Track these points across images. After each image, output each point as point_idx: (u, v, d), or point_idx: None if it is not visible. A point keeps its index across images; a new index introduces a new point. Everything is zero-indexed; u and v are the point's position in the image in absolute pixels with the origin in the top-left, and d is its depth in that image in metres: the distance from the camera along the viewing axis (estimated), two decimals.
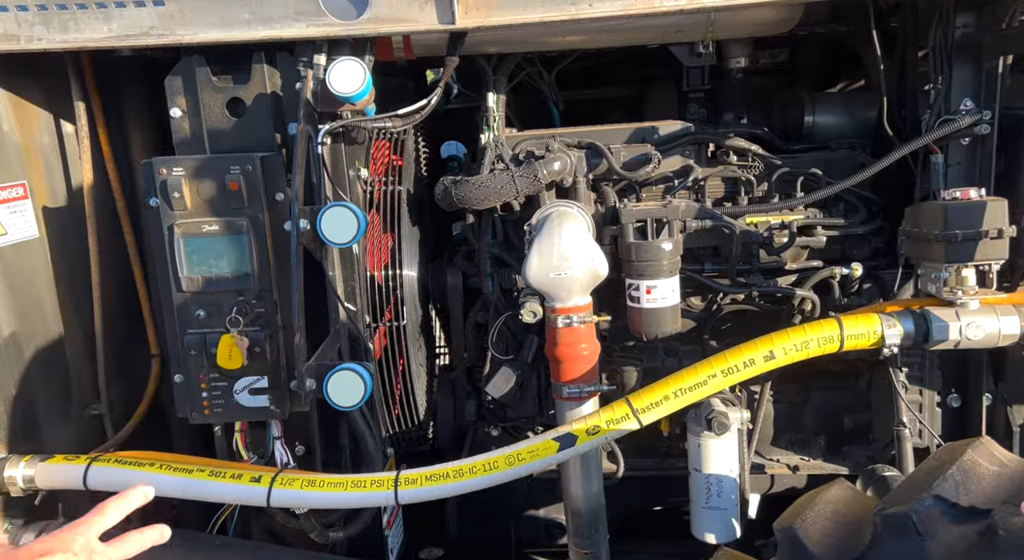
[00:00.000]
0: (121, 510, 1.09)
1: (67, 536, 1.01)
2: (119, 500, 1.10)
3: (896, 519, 1.09)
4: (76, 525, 1.04)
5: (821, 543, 1.13)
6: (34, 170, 1.81)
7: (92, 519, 1.05)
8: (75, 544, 1.00)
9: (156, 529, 1.12)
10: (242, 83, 1.68)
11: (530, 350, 1.91)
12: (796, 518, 1.22)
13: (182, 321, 1.62)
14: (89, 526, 1.04)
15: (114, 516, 1.08)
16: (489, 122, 1.90)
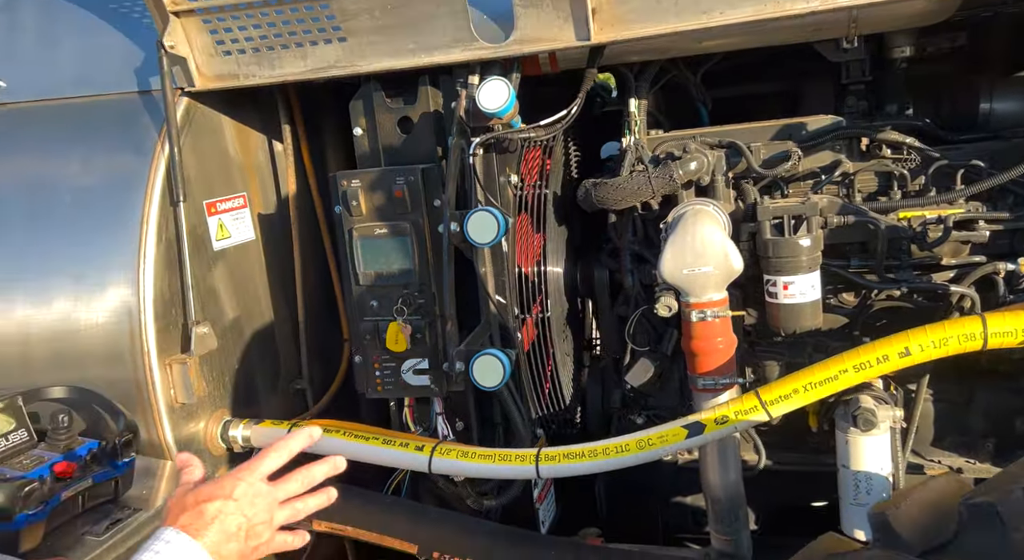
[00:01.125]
0: (284, 452, 1.06)
1: (228, 482, 1.00)
2: (282, 442, 1.08)
3: (981, 508, 1.07)
4: (239, 470, 1.02)
5: (911, 528, 1.13)
6: (252, 183, 2.20)
7: (253, 463, 1.04)
8: (236, 489, 0.98)
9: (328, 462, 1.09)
10: (411, 104, 1.94)
11: (669, 342, 1.99)
12: (891, 505, 1.22)
13: (359, 310, 1.90)
14: (251, 471, 1.02)
15: (276, 459, 1.05)
16: (631, 126, 2.00)
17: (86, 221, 1.83)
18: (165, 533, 0.94)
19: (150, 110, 1.93)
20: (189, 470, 1.02)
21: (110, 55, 1.98)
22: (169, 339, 1.82)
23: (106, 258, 1.80)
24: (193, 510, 0.95)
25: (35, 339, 1.80)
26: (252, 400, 2.12)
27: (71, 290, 1.80)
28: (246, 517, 0.97)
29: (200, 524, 0.94)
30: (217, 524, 0.95)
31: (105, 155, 1.90)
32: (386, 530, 1.87)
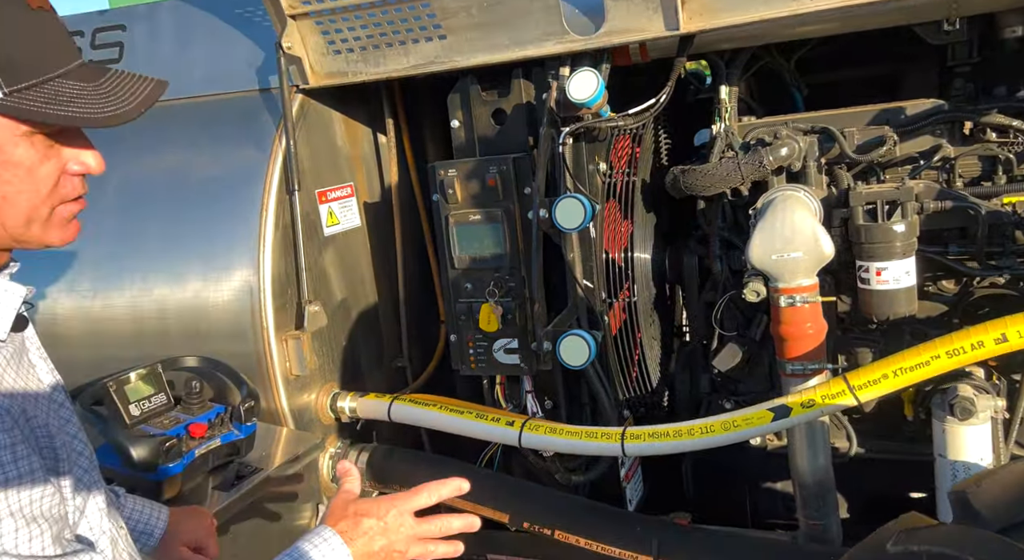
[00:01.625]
0: (434, 494, 1.15)
1: (384, 505, 1.09)
2: (436, 486, 1.17)
3: None
4: (394, 498, 1.11)
5: (991, 506, 1.12)
6: (358, 173, 2.36)
7: (408, 497, 1.13)
8: (388, 514, 1.07)
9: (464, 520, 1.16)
10: (504, 96, 2.03)
11: (758, 328, 2.00)
12: (972, 483, 1.21)
13: (454, 292, 2.02)
14: (405, 502, 1.11)
15: (427, 498, 1.14)
16: (721, 113, 2.01)
17: (214, 208, 2.02)
18: (325, 531, 1.07)
19: (268, 106, 2.11)
20: (349, 479, 1.16)
21: (234, 56, 2.17)
22: (285, 316, 2.00)
23: (231, 242, 1.99)
24: (351, 520, 1.08)
25: (171, 315, 2.02)
26: (357, 375, 2.29)
27: (201, 271, 2.00)
28: (389, 541, 1.08)
29: (354, 533, 1.07)
30: (366, 538, 1.07)
31: (230, 148, 2.09)
32: (480, 500, 1.98)
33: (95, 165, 0.96)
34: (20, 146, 0.87)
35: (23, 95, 0.85)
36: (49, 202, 0.92)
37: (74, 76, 0.89)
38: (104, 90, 0.90)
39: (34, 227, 0.92)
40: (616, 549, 1.88)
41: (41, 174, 0.90)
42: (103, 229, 2.09)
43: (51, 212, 0.93)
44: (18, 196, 0.89)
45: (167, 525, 1.36)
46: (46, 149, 0.90)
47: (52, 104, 0.85)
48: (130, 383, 1.66)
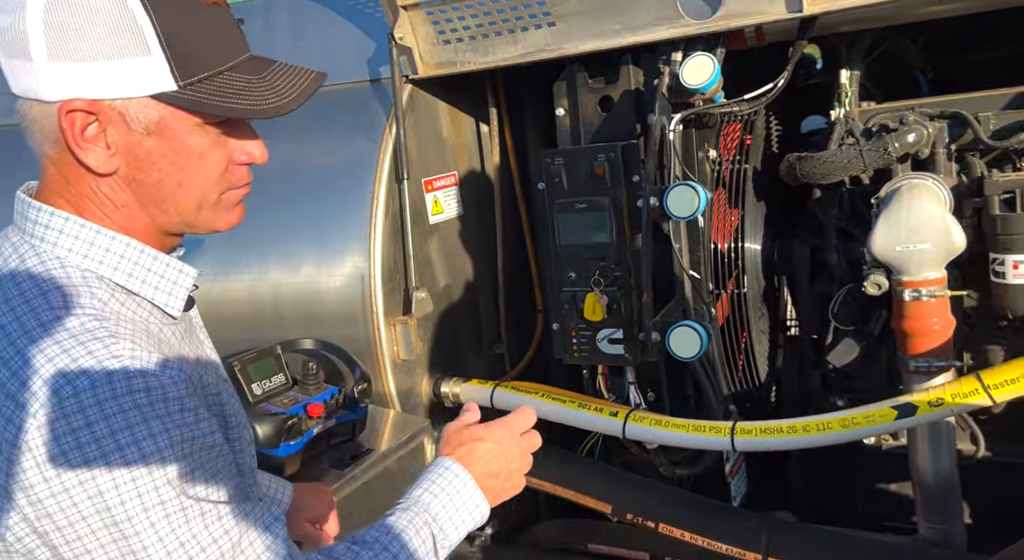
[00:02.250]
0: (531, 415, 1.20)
1: (496, 429, 1.13)
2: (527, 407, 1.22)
3: None
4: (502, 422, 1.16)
5: None
6: (461, 162, 2.38)
7: (512, 419, 1.17)
8: (503, 438, 1.12)
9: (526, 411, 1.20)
10: (612, 83, 2.00)
11: (877, 323, 1.92)
12: None
13: (558, 281, 2.02)
14: (513, 423, 1.16)
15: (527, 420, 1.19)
16: (841, 98, 1.93)
17: (327, 197, 2.09)
18: (444, 461, 1.11)
19: (378, 96, 2.15)
20: (471, 412, 1.20)
21: (345, 48, 2.23)
22: (393, 302, 2.05)
23: (343, 229, 2.04)
24: (468, 446, 1.11)
25: (285, 299, 2.09)
26: (458, 361, 2.32)
27: (314, 257, 2.07)
28: (506, 460, 1.12)
29: (472, 459, 1.10)
30: (483, 462, 1.10)
31: (341, 138, 2.15)
32: (582, 489, 1.98)
33: (260, 155, 1.00)
34: (193, 135, 0.92)
35: (196, 88, 0.89)
36: (217, 188, 0.96)
37: (242, 69, 0.93)
38: (268, 83, 0.94)
39: (204, 212, 0.97)
40: (723, 545, 1.85)
41: (211, 162, 0.94)
42: None
43: (219, 198, 0.97)
44: (191, 182, 0.94)
45: (291, 501, 1.41)
46: (216, 138, 0.94)
47: (220, 97, 0.90)
48: (252, 363, 1.73)
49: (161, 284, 0.96)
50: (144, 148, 0.91)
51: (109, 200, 0.93)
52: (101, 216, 0.93)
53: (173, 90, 0.88)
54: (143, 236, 0.95)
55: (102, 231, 0.92)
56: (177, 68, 0.88)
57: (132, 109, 0.89)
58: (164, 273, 0.96)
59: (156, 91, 0.88)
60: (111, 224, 0.93)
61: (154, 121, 0.90)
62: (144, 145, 0.91)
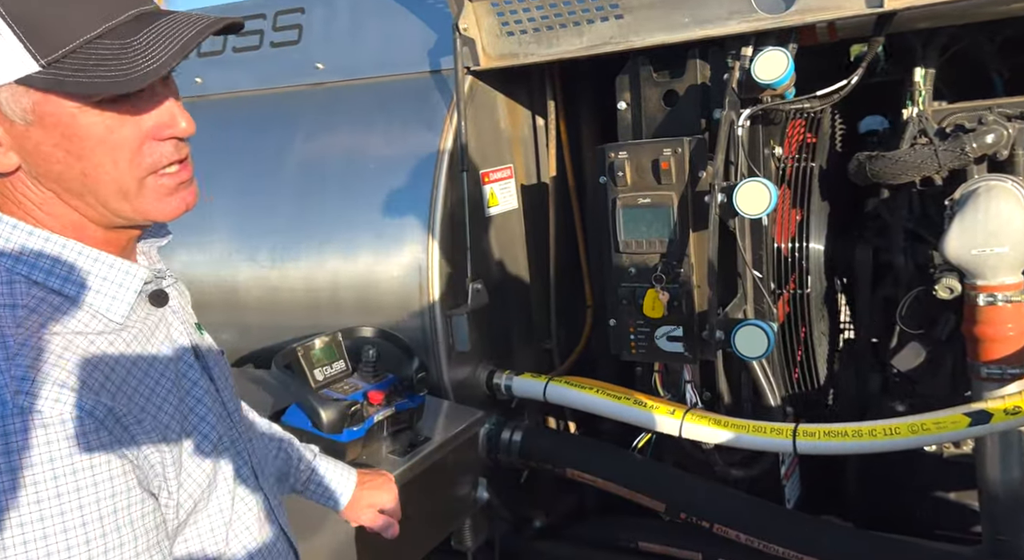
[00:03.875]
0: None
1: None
2: None
3: None
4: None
5: None
6: (517, 156, 2.37)
7: None
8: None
9: None
10: (677, 77, 1.98)
11: (945, 327, 1.87)
12: None
13: (617, 276, 2.00)
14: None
15: None
16: (914, 96, 1.89)
17: (387, 186, 2.09)
18: None
19: (439, 88, 2.15)
20: None
21: (406, 38, 2.23)
22: (449, 293, 2.05)
23: (403, 220, 2.05)
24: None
25: (343, 287, 2.11)
26: (508, 354, 2.31)
27: (373, 246, 2.08)
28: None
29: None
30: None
31: (401, 128, 2.15)
32: (635, 486, 1.96)
33: (183, 127, 0.87)
34: (79, 118, 0.80)
35: (60, 65, 0.77)
36: (133, 173, 0.84)
37: (116, 33, 0.80)
38: (140, 45, 0.80)
39: (130, 201, 0.85)
40: (780, 548, 1.82)
41: (114, 144, 0.82)
42: (281, 203, 2.21)
43: (141, 183, 0.85)
44: (97, 171, 0.83)
45: (355, 486, 1.42)
46: (114, 117, 0.81)
47: (83, 72, 0.77)
48: (315, 349, 1.74)
49: (103, 287, 0.86)
50: (32, 140, 0.81)
51: (27, 198, 0.84)
52: (24, 215, 0.85)
53: (36, 72, 0.77)
54: (78, 233, 0.86)
55: (35, 232, 0.84)
56: (34, 46, 0.77)
57: (3, 99, 0.79)
58: (107, 275, 0.86)
59: (18, 76, 0.77)
60: (39, 223, 0.85)
61: (28, 109, 0.79)
62: (31, 137, 0.81)
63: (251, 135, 2.33)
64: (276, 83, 2.39)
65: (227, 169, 2.31)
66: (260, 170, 2.27)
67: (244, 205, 2.24)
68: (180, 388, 0.93)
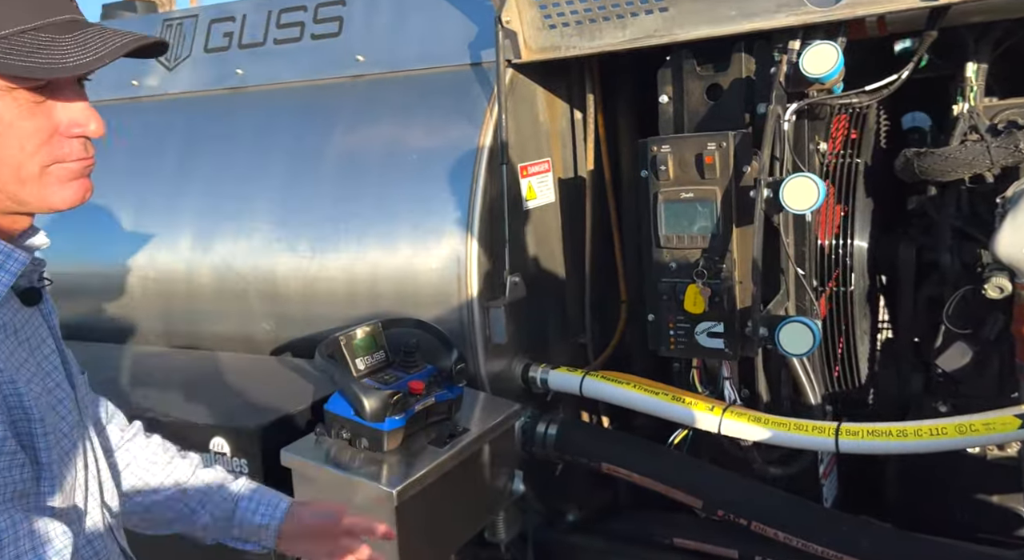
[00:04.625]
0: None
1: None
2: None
3: None
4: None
5: None
6: (555, 149, 2.37)
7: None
8: None
9: None
10: (721, 70, 1.96)
11: (993, 327, 1.84)
12: None
13: (657, 271, 1.99)
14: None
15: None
16: (965, 92, 1.85)
17: (427, 178, 2.10)
18: None
19: (480, 81, 2.15)
20: None
21: (446, 31, 2.23)
22: (487, 286, 2.05)
23: (442, 212, 2.05)
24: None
25: (382, 278, 2.12)
26: (544, 347, 2.31)
27: (412, 238, 2.09)
28: None
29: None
30: None
31: (441, 121, 2.16)
32: (672, 481, 1.96)
33: (93, 128, 0.91)
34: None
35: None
36: (37, 160, 0.88)
37: (51, 29, 0.85)
38: (77, 41, 0.85)
39: (29, 186, 0.88)
40: (819, 547, 1.81)
41: (24, 130, 0.86)
42: (322, 194, 2.22)
43: (42, 171, 0.88)
44: (1, 151, 0.86)
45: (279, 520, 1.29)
46: (31, 105, 0.86)
47: (13, 55, 0.81)
48: (356, 339, 1.76)
49: None
50: None
51: None
52: None
53: None
54: None
55: None
56: None
57: None
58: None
59: None
60: None
61: None
62: None
63: (292, 127, 2.35)
64: (317, 75, 2.40)
65: (268, 160, 2.33)
66: (301, 162, 2.29)
67: (285, 196, 2.26)
68: (44, 382, 0.95)
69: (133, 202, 2.47)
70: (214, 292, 2.33)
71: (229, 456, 1.70)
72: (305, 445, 1.68)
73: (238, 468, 1.70)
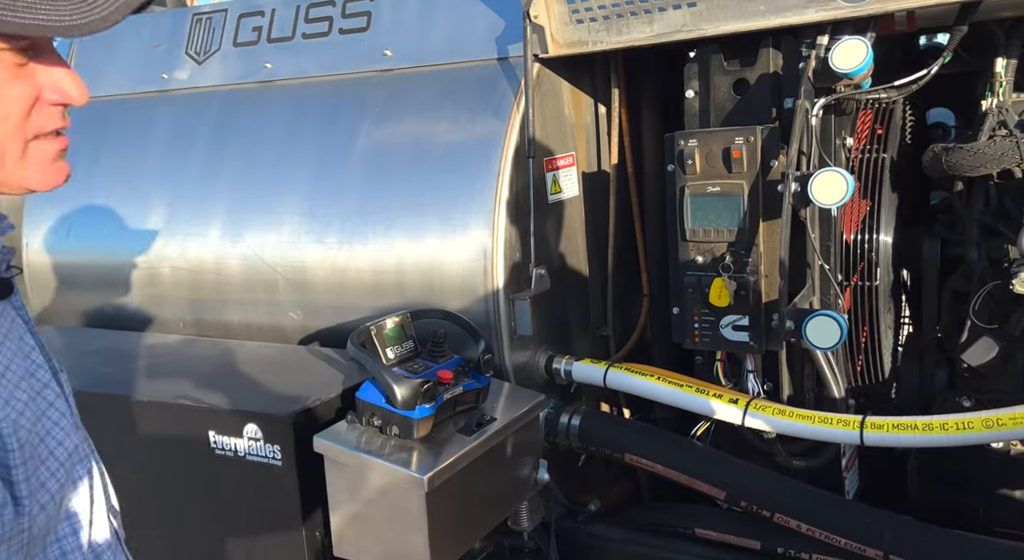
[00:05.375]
0: None
1: None
2: None
3: None
4: None
5: None
6: (580, 143, 2.39)
7: None
8: None
9: None
10: (748, 65, 1.97)
11: (1019, 323, 1.84)
12: None
13: (683, 264, 2.00)
14: None
15: None
16: (994, 87, 1.86)
17: (454, 172, 2.12)
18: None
19: (506, 75, 2.17)
20: None
21: (473, 26, 2.25)
22: (513, 278, 2.07)
23: (468, 205, 2.08)
24: None
25: (409, 269, 2.15)
26: (567, 339, 2.34)
27: (438, 230, 2.11)
28: None
29: None
30: None
31: (468, 115, 2.18)
32: (695, 473, 1.98)
33: (76, 94, 0.82)
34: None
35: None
36: (21, 134, 0.79)
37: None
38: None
39: (9, 165, 0.79)
40: (842, 540, 1.82)
41: (9, 97, 0.77)
42: (350, 188, 2.25)
43: (25, 147, 0.80)
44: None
45: None
46: (15, 69, 0.77)
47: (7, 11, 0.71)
48: (387, 329, 1.79)
49: None
50: None
51: None
52: None
53: None
54: None
55: None
56: None
57: None
58: None
59: None
60: None
61: None
62: None
63: (321, 120, 2.38)
64: (344, 69, 2.43)
65: (297, 154, 2.36)
66: (329, 155, 2.32)
67: (314, 189, 2.30)
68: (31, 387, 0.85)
69: (166, 195, 2.52)
70: (243, 282, 2.37)
71: (262, 442, 1.73)
72: (337, 431, 1.72)
73: (271, 454, 1.74)
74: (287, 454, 1.72)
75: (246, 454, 1.75)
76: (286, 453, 1.72)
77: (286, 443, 1.72)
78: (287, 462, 1.72)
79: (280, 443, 1.72)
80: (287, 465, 1.72)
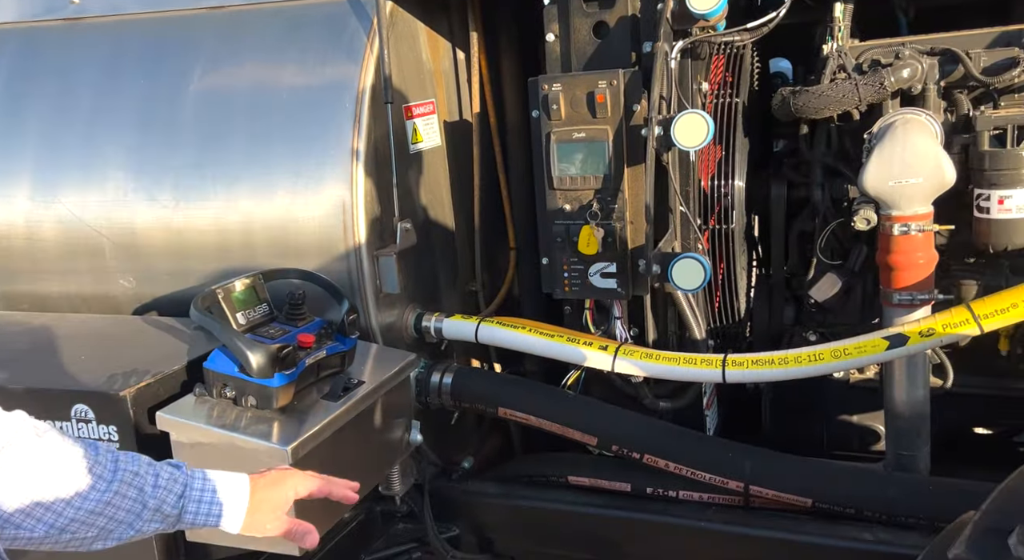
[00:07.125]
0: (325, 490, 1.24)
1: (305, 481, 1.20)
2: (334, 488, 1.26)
3: None
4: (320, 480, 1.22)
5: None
6: (440, 90, 2.27)
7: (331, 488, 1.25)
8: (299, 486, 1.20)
9: None
10: (608, 7, 1.94)
11: (858, 258, 1.97)
12: None
13: (551, 213, 1.97)
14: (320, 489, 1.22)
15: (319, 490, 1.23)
16: (834, 32, 1.93)
17: (303, 120, 1.95)
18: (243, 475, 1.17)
19: (356, 13, 2.01)
20: None
21: None
22: (375, 233, 1.95)
23: (322, 156, 1.92)
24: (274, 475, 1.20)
25: (258, 228, 1.97)
26: (435, 296, 2.26)
27: (290, 185, 1.94)
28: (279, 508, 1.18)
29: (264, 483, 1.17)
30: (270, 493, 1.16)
31: (317, 57, 2.00)
32: (568, 421, 1.98)
33: None
34: None
35: None
36: None
37: None
38: None
39: None
40: (706, 474, 1.90)
41: None
42: (183, 137, 2.02)
43: None
44: None
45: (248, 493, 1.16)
46: None
47: None
48: (235, 292, 1.62)
49: None
50: None
51: None
52: None
53: None
54: None
55: None
56: None
57: None
58: None
59: None
60: None
61: None
62: None
63: (144, 63, 2.11)
64: (169, 5, 2.16)
65: (117, 102, 2.09)
66: (155, 104, 2.06)
67: (141, 141, 2.04)
68: None
69: None
70: (62, 248, 2.08)
71: (95, 423, 1.53)
72: (183, 406, 1.55)
73: (105, 436, 1.54)
74: (125, 435, 1.53)
75: None
76: (124, 434, 1.53)
77: (123, 423, 1.53)
78: (126, 444, 1.53)
79: (116, 423, 1.53)
80: (126, 447, 1.53)
